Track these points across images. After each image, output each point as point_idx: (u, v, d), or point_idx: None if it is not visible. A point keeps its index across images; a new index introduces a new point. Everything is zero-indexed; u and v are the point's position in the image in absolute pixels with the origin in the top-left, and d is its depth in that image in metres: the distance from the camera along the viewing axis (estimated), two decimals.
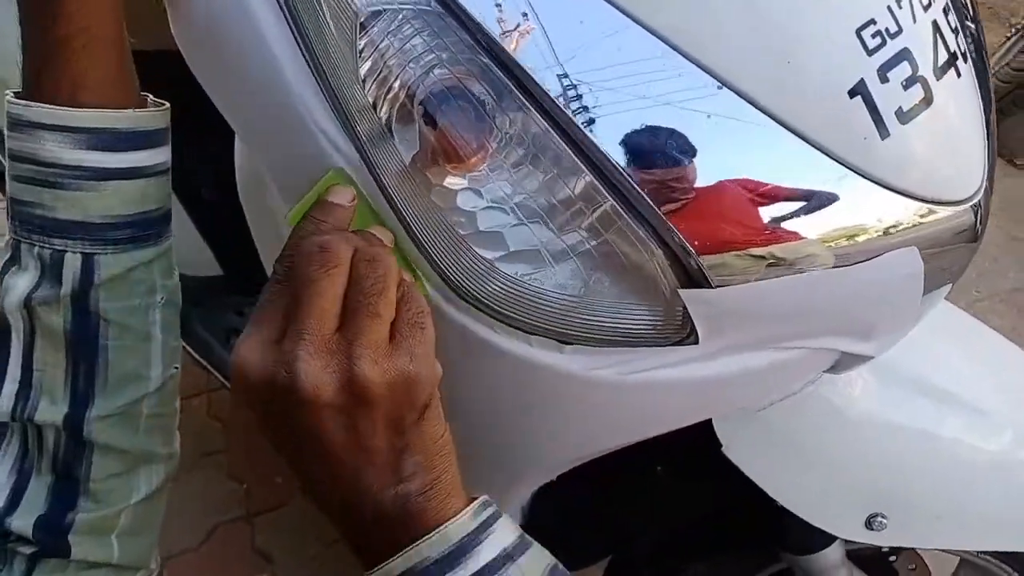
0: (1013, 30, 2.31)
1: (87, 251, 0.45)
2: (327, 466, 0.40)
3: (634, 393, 0.53)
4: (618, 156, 0.44)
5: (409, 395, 0.40)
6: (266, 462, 1.66)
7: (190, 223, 1.28)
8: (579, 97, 0.44)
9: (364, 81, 0.46)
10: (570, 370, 0.51)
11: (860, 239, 0.48)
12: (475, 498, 0.43)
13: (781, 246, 0.47)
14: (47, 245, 0.45)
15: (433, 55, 0.45)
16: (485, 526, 0.42)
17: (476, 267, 0.48)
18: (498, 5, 0.44)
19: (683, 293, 0.47)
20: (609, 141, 0.44)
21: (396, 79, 0.45)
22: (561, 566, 0.44)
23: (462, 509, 0.42)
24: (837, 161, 0.47)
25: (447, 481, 0.42)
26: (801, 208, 0.47)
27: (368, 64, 0.46)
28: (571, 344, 0.50)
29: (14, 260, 0.46)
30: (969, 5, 0.57)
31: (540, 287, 0.47)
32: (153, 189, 0.48)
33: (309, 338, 0.38)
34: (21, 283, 0.45)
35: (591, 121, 0.44)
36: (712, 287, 0.46)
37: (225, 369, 1.28)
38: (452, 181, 0.46)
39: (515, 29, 0.45)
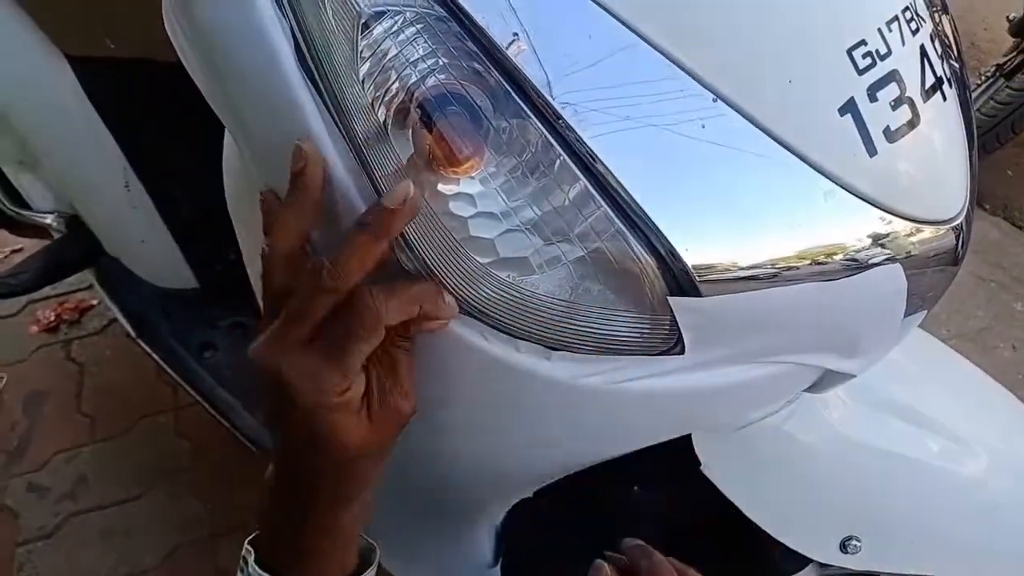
0: (994, 67, 2.37)
1: None
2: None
3: (619, 402, 0.52)
4: (612, 162, 0.45)
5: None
6: (231, 483, 1.63)
7: (166, 233, 1.26)
8: (577, 105, 0.45)
9: (363, 82, 0.46)
10: (556, 377, 0.50)
11: (847, 254, 0.49)
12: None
13: (770, 258, 0.47)
14: None
15: (433, 59, 0.45)
16: None
17: (468, 271, 0.47)
18: (502, 15, 0.45)
19: (672, 301, 0.47)
20: (605, 148, 0.45)
21: (395, 81, 0.46)
22: None
23: None
24: (825, 176, 0.48)
25: None
26: (790, 221, 0.48)
27: (367, 65, 0.46)
28: (558, 350, 0.49)
29: None
30: (953, 41, 0.59)
31: (530, 291, 0.48)
32: None
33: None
34: None
35: (587, 129, 0.45)
36: (701, 296, 0.47)
37: (195, 382, 1.26)
38: (445, 187, 0.47)
39: (518, 39, 0.45)
